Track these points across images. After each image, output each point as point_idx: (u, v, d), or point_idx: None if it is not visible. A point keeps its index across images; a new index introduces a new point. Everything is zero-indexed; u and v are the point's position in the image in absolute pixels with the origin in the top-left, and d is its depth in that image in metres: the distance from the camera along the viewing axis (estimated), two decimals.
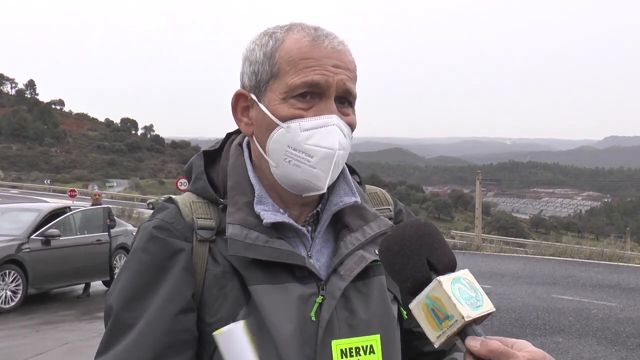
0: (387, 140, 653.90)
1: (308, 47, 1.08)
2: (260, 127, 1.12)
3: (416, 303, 0.89)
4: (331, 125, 1.07)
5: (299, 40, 1.09)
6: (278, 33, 1.12)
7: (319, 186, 1.10)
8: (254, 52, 1.13)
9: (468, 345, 0.85)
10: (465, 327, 0.86)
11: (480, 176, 32.84)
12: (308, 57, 1.08)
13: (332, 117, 1.08)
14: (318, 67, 1.07)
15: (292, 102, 1.08)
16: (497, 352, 0.83)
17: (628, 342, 8.16)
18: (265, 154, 1.12)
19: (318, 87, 1.07)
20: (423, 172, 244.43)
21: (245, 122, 1.15)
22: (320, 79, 1.07)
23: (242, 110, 1.16)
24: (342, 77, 1.09)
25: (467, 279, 0.90)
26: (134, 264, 1.08)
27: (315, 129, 1.07)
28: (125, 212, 32.89)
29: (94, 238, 12.02)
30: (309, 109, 1.08)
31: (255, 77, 1.12)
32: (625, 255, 20.49)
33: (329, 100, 1.09)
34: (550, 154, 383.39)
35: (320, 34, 1.10)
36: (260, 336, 1.03)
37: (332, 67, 1.08)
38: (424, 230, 0.93)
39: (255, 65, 1.12)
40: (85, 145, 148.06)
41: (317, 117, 1.07)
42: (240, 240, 1.06)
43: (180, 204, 1.14)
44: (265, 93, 1.10)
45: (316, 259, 1.13)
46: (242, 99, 1.15)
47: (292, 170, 1.09)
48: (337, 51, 1.10)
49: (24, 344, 7.83)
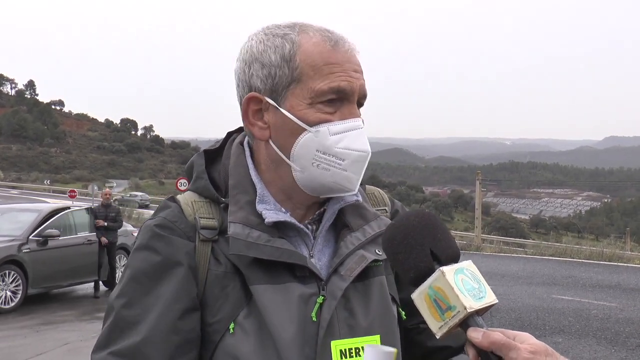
0: (386, 141, 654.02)
1: (330, 51, 1.08)
2: (281, 132, 1.10)
3: (419, 293, 0.89)
4: (359, 128, 1.09)
5: (319, 44, 1.09)
6: (292, 35, 1.10)
7: (349, 188, 1.11)
8: (265, 54, 1.10)
9: (470, 336, 0.85)
10: (467, 318, 0.85)
11: (480, 176, 32.85)
12: (331, 62, 1.08)
13: (359, 121, 1.10)
14: (343, 72, 1.08)
15: (318, 107, 1.08)
16: (499, 343, 0.83)
17: (628, 343, 8.16)
18: (287, 158, 1.10)
19: (344, 92, 1.08)
20: (423, 173, 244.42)
21: (259, 126, 1.13)
22: (347, 85, 1.08)
23: (254, 113, 1.13)
24: (362, 82, 1.11)
25: (470, 270, 0.90)
26: (137, 262, 1.08)
27: (345, 133, 1.08)
28: (125, 213, 32.90)
29: (93, 237, 12.01)
30: (335, 113, 1.08)
31: (272, 80, 1.10)
32: (625, 255, 20.50)
33: (353, 105, 1.10)
34: (550, 154, 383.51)
35: (338, 38, 1.11)
36: (261, 337, 1.03)
37: (353, 72, 1.09)
38: (428, 220, 0.93)
39: (270, 68, 1.10)
40: (85, 145, 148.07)
41: (346, 121, 1.08)
42: (242, 239, 1.06)
43: (182, 203, 1.13)
44: (286, 98, 1.09)
45: (318, 259, 1.13)
46: (254, 102, 1.12)
47: (320, 174, 1.09)
48: (353, 55, 1.11)
49: (24, 344, 7.83)
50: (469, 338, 0.85)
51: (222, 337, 1.04)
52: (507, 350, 0.82)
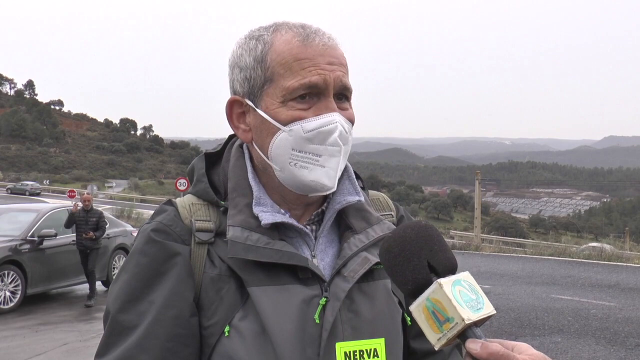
0: (386, 141, 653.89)
1: (299, 47, 1.07)
2: (260, 133, 1.10)
3: (416, 305, 0.89)
4: (334, 123, 1.06)
5: (288, 41, 1.07)
6: (265, 35, 1.10)
7: (328, 186, 1.09)
8: (242, 58, 1.11)
9: (468, 348, 0.85)
10: (465, 329, 0.85)
11: (479, 176, 32.82)
12: (301, 57, 1.06)
13: (333, 115, 1.07)
14: (313, 66, 1.06)
15: (291, 105, 1.06)
16: (497, 354, 0.82)
17: (627, 342, 8.16)
18: (268, 159, 1.10)
19: (316, 87, 1.06)
20: (422, 172, 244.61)
21: (242, 128, 1.14)
22: (318, 79, 1.05)
23: (237, 116, 1.14)
24: (337, 73, 1.08)
25: (468, 281, 0.89)
26: (132, 267, 1.08)
27: (319, 129, 1.06)
28: (124, 213, 32.86)
29: None
30: (309, 109, 1.07)
31: (248, 83, 1.10)
32: (624, 255, 20.51)
33: (328, 99, 1.07)
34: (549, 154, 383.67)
35: (309, 32, 1.08)
36: (259, 339, 1.02)
37: (326, 65, 1.07)
38: (424, 232, 0.92)
39: (246, 71, 1.10)
40: (84, 145, 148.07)
41: (319, 117, 1.06)
42: (241, 242, 1.06)
43: (179, 206, 1.14)
44: (262, 98, 1.09)
45: (320, 259, 1.13)
46: (237, 106, 1.14)
47: (299, 173, 1.08)
48: (328, 47, 1.08)
49: (23, 345, 7.81)
50: (468, 350, 0.85)
51: (218, 340, 1.04)
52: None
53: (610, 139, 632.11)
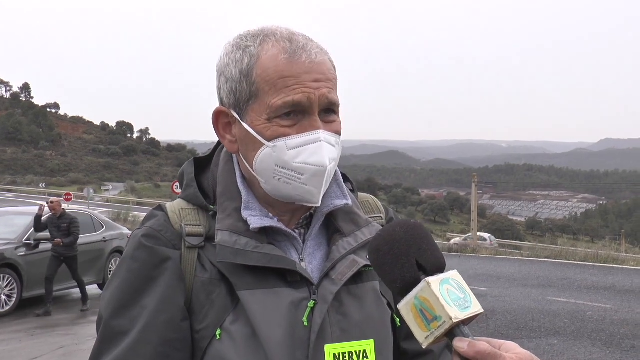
0: (382, 144, 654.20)
1: (285, 64, 1.05)
2: (245, 146, 1.11)
3: (405, 304, 0.90)
4: (318, 141, 1.06)
5: (275, 57, 1.06)
6: (252, 47, 1.08)
7: (312, 201, 1.10)
8: (228, 68, 1.10)
9: (456, 346, 0.85)
10: (453, 328, 0.86)
11: (476, 179, 32.90)
12: (286, 75, 1.05)
13: (318, 133, 1.06)
14: (298, 85, 1.05)
15: (276, 122, 1.06)
16: (484, 353, 0.83)
17: (623, 344, 8.18)
18: (253, 171, 1.11)
19: (300, 105, 1.05)
20: (419, 175, 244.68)
21: (229, 139, 1.14)
22: (302, 97, 1.04)
23: (224, 126, 1.15)
24: (323, 91, 1.06)
25: (456, 280, 0.90)
26: (123, 272, 1.09)
27: (303, 147, 1.05)
28: (121, 216, 32.80)
29: (87, 239, 11.95)
30: (293, 126, 1.06)
31: (234, 95, 1.10)
32: (620, 257, 20.56)
33: (313, 117, 1.07)
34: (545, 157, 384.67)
35: (297, 48, 1.06)
36: (249, 342, 1.03)
37: (312, 83, 1.05)
38: (413, 231, 0.93)
39: (232, 83, 1.10)
40: (80, 148, 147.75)
41: (303, 135, 1.05)
42: (230, 246, 1.06)
43: (169, 211, 1.14)
44: (247, 113, 1.09)
45: (308, 262, 1.14)
46: (223, 116, 1.14)
47: (283, 187, 1.08)
48: (315, 64, 1.06)
49: (19, 348, 7.80)
50: (455, 348, 0.85)
51: (210, 343, 1.05)
52: (492, 359, 0.83)
53: (606, 141, 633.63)
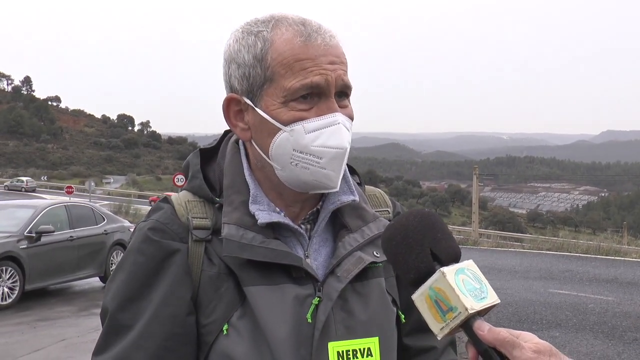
0: (384, 136, 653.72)
1: (301, 47, 1.04)
2: (260, 132, 1.08)
3: (419, 294, 0.87)
4: (337, 124, 1.05)
5: (290, 40, 1.05)
6: (264, 32, 1.07)
7: (330, 185, 1.08)
8: (240, 54, 1.08)
9: (476, 328, 0.84)
10: (468, 319, 0.84)
11: (477, 171, 32.80)
12: (303, 57, 1.04)
13: (336, 116, 1.05)
14: (315, 67, 1.04)
15: (292, 105, 1.04)
16: (503, 340, 0.82)
17: (625, 336, 8.17)
18: (268, 158, 1.08)
19: (318, 87, 1.04)
20: (420, 167, 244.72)
21: (241, 127, 1.12)
22: (320, 79, 1.04)
23: (235, 114, 1.12)
24: (339, 72, 1.06)
25: (472, 270, 0.88)
26: (129, 265, 1.07)
27: (321, 130, 1.04)
28: (122, 209, 32.84)
29: (88, 232, 11.98)
30: (310, 110, 1.05)
31: (247, 81, 1.08)
32: (622, 249, 20.52)
33: (330, 99, 1.06)
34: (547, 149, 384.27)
35: (311, 31, 1.06)
36: (255, 338, 1.02)
37: (328, 65, 1.05)
38: (427, 220, 0.91)
39: (244, 68, 1.08)
40: (81, 141, 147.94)
41: (321, 117, 1.04)
42: (236, 240, 1.05)
43: (175, 203, 1.12)
44: (262, 97, 1.07)
45: (314, 258, 1.12)
46: (234, 103, 1.11)
47: (300, 172, 1.06)
48: (330, 46, 1.06)
49: (21, 341, 7.81)
50: (475, 330, 0.84)
51: (216, 338, 1.04)
52: (511, 347, 0.81)
53: (608, 133, 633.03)
